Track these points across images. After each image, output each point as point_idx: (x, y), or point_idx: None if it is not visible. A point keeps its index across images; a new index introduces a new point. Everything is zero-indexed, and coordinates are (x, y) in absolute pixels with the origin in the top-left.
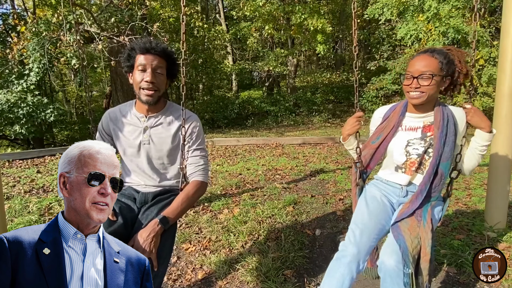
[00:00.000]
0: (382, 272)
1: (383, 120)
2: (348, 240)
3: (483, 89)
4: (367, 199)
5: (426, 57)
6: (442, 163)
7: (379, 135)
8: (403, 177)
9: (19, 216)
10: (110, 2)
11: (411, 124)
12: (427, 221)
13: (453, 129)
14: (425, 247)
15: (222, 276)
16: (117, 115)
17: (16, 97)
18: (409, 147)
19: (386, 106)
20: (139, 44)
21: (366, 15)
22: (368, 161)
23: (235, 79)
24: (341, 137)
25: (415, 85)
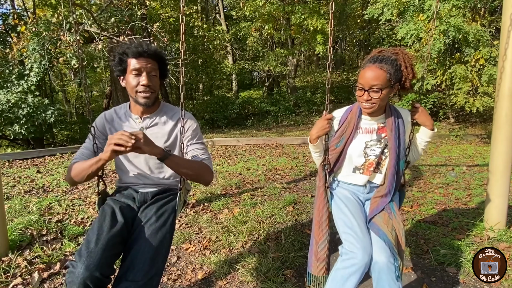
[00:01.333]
0: (376, 271)
1: (341, 123)
2: (353, 247)
3: (483, 89)
4: (344, 201)
5: (375, 69)
6: (400, 161)
7: (341, 138)
8: (362, 178)
9: (19, 216)
10: (110, 2)
11: (367, 126)
12: (396, 212)
13: (403, 129)
14: (400, 236)
15: (222, 276)
16: (113, 117)
17: (17, 98)
18: (367, 149)
19: (342, 109)
20: (131, 48)
21: (366, 15)
22: (333, 164)
23: (235, 79)
24: (308, 139)
25: (366, 97)
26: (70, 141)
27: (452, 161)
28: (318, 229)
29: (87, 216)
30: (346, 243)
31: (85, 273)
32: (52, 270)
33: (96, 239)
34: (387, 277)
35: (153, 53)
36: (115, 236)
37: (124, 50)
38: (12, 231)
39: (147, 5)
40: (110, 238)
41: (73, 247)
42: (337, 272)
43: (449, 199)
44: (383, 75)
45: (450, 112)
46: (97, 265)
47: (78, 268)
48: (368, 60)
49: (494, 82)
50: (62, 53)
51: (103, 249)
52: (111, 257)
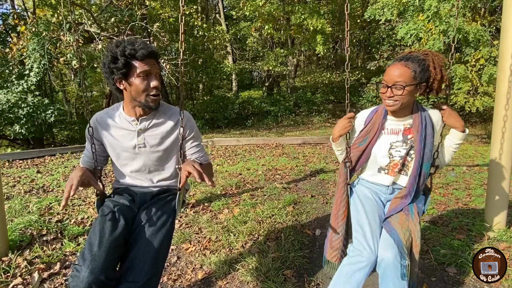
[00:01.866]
0: (382, 268)
1: (366, 124)
2: (361, 246)
3: (483, 88)
4: (361, 199)
5: (400, 67)
6: (424, 164)
7: (365, 138)
8: (387, 178)
9: (19, 216)
10: (110, 2)
11: (393, 127)
12: (415, 214)
13: (431, 131)
14: (415, 239)
15: (222, 276)
16: (106, 120)
17: (17, 98)
18: (392, 149)
19: (367, 110)
20: (138, 51)
21: (367, 15)
22: (354, 162)
23: (235, 79)
24: (331, 138)
25: (389, 94)
26: (70, 141)
27: (452, 161)
28: (334, 221)
29: (87, 216)
30: (355, 241)
31: (90, 277)
32: (52, 270)
33: (99, 242)
34: (392, 274)
35: (155, 54)
36: (118, 239)
37: (130, 52)
38: (12, 231)
39: (147, 5)
40: (113, 241)
41: (73, 247)
42: (343, 268)
43: (449, 199)
44: (407, 72)
45: None
46: (102, 269)
47: (83, 272)
48: (395, 59)
49: (494, 82)
50: (62, 53)
51: (107, 252)
52: (114, 259)
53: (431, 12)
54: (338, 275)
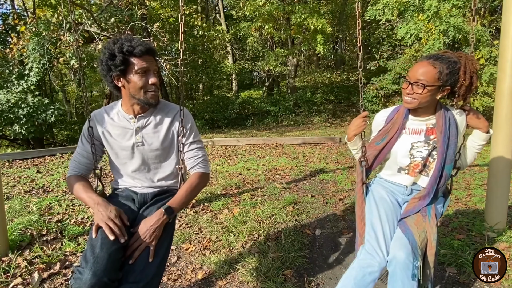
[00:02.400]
0: (392, 266)
1: (387, 123)
2: (373, 249)
3: (483, 88)
4: (377, 201)
5: (426, 65)
6: (447, 166)
7: (383, 137)
8: (407, 178)
9: (19, 216)
10: (110, 2)
11: (414, 127)
12: (432, 216)
13: (455, 132)
14: (430, 241)
15: (222, 276)
16: (104, 118)
17: (17, 98)
18: (413, 150)
19: (388, 109)
20: (135, 47)
21: (368, 16)
22: (371, 161)
23: (235, 79)
24: (346, 137)
25: (409, 91)
26: (70, 141)
27: None
28: (361, 223)
29: (87, 216)
30: (367, 244)
31: (93, 279)
32: (52, 270)
33: (101, 244)
34: (402, 273)
35: (153, 51)
36: (120, 240)
37: (127, 49)
38: (12, 231)
39: (147, 5)
40: (115, 242)
41: (73, 247)
42: (352, 270)
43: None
44: (433, 72)
45: None
46: (104, 270)
47: (85, 274)
48: (426, 56)
49: (494, 82)
50: (62, 53)
51: (109, 254)
52: (117, 261)
53: (431, 12)
54: (347, 277)
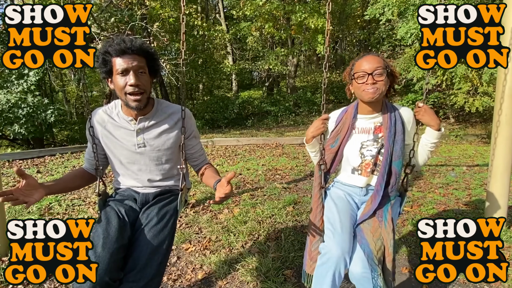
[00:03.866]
0: (354, 280)
1: (337, 124)
2: (329, 241)
3: (483, 88)
4: (334, 200)
5: (374, 57)
6: (394, 162)
7: (336, 138)
8: (360, 179)
9: (19, 216)
10: (110, 2)
11: (363, 125)
12: (388, 221)
13: (401, 128)
14: (388, 247)
15: (222, 276)
16: (105, 119)
17: (17, 98)
18: (363, 149)
19: (338, 110)
20: (114, 46)
21: (367, 15)
22: (329, 164)
23: (235, 79)
24: (304, 139)
25: (371, 81)
26: (70, 141)
27: (452, 161)
28: (313, 228)
29: (87, 216)
30: (325, 239)
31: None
32: None
33: (102, 243)
34: (364, 286)
35: (139, 49)
36: (122, 239)
37: (107, 49)
38: None
39: (147, 5)
40: (117, 242)
41: None
42: (317, 269)
43: (449, 199)
44: (381, 60)
45: (450, 112)
46: (106, 270)
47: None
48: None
49: (495, 82)
50: None
51: (111, 253)
52: (119, 260)
53: None
54: (315, 277)
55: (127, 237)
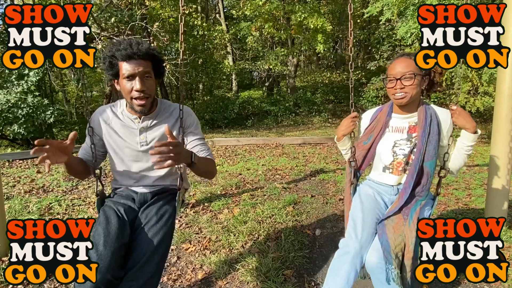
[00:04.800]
0: (369, 271)
1: (371, 121)
2: (349, 237)
3: (483, 88)
4: (362, 197)
5: (405, 59)
6: (427, 162)
7: (369, 136)
8: (391, 178)
9: (19, 216)
10: (110, 2)
11: (397, 125)
12: (413, 220)
13: (436, 129)
14: (408, 245)
15: (222, 276)
16: (110, 116)
17: (16, 98)
18: (395, 147)
19: (373, 109)
20: (121, 51)
21: (367, 14)
22: (360, 161)
23: (235, 79)
24: (335, 137)
25: (399, 86)
26: None
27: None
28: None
29: (87, 216)
30: (346, 234)
31: (98, 277)
32: None
33: (104, 242)
34: (378, 277)
35: (145, 54)
36: (123, 238)
37: (114, 53)
38: None
39: (147, 5)
40: (118, 240)
41: None
42: (333, 261)
43: (449, 199)
44: (413, 63)
45: None
46: (108, 268)
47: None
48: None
49: (495, 82)
50: None
51: (112, 251)
52: (120, 258)
53: None
54: (330, 269)
55: (127, 236)
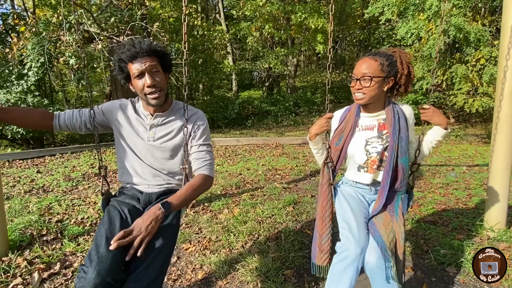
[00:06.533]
0: (368, 271)
1: (340, 122)
2: (347, 240)
3: (483, 89)
4: (347, 198)
5: (368, 60)
6: (401, 158)
7: (340, 136)
8: (367, 176)
9: (19, 216)
10: (110, 2)
11: (366, 123)
12: (399, 215)
13: (404, 124)
14: (399, 240)
15: (222, 276)
16: (128, 106)
17: (16, 98)
18: (368, 146)
19: (341, 110)
20: (125, 53)
21: (367, 14)
22: (335, 162)
23: (235, 79)
24: (308, 136)
25: (357, 86)
26: (70, 141)
27: (452, 161)
28: (321, 224)
29: (87, 216)
30: (342, 238)
31: (97, 279)
32: (52, 270)
33: (105, 243)
34: (379, 277)
35: (148, 50)
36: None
37: (120, 57)
38: (12, 231)
39: (147, 5)
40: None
41: (73, 247)
42: (334, 266)
43: (449, 199)
44: (375, 64)
45: (450, 112)
46: (108, 270)
47: (90, 274)
48: (365, 54)
49: (495, 82)
50: (62, 53)
51: (114, 254)
52: (121, 260)
53: (431, 11)
54: (331, 274)
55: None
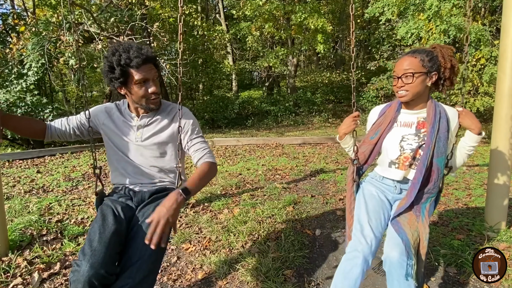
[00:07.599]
0: (387, 266)
1: (379, 116)
2: (357, 241)
3: (484, 88)
4: (366, 197)
5: (407, 58)
6: (436, 159)
7: (376, 130)
8: (397, 173)
9: (19, 216)
10: (110, 2)
11: (405, 119)
12: (425, 216)
13: (445, 125)
14: (423, 240)
15: (222, 276)
16: (113, 110)
17: (15, 97)
18: (403, 142)
19: (382, 105)
20: (133, 59)
21: (367, 14)
22: (366, 157)
23: (235, 79)
24: (337, 136)
25: (400, 84)
26: (70, 141)
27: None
28: (349, 215)
29: (87, 216)
30: (353, 237)
31: (90, 271)
32: (52, 270)
33: (99, 238)
34: (397, 272)
35: (152, 58)
36: (117, 234)
37: (125, 61)
38: (12, 231)
39: (147, 5)
40: (113, 236)
41: (73, 247)
42: (341, 265)
43: (449, 199)
44: (415, 61)
45: None
46: (102, 263)
47: (83, 267)
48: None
49: (495, 82)
50: (62, 53)
51: (107, 247)
52: (114, 255)
53: (432, 11)
54: (337, 272)
55: (123, 233)
